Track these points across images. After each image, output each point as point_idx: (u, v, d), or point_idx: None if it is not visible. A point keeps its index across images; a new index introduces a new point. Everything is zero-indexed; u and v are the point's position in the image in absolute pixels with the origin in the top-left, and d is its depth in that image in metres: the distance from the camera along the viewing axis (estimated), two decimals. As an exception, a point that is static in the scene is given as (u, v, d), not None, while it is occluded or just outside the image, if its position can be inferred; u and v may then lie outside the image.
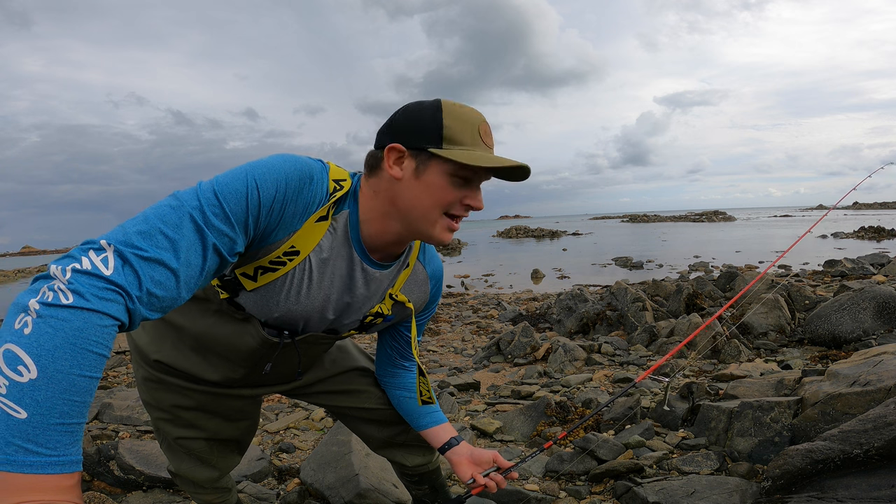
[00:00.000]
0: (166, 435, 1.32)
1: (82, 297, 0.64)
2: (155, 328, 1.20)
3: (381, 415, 1.42)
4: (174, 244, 0.75)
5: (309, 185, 0.92)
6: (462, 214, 1.00)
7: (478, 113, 0.98)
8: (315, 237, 0.96)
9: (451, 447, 1.30)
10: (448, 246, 20.40)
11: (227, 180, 0.84)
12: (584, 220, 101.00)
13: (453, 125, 0.94)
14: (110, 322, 0.67)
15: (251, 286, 0.98)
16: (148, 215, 0.76)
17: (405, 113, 0.98)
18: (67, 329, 0.62)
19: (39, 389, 0.60)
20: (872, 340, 3.71)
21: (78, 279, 0.66)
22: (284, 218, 0.90)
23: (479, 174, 0.97)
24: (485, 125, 0.98)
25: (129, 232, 0.73)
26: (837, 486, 1.48)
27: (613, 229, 44.94)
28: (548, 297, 8.57)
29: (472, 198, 0.99)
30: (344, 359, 1.41)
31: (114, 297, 0.67)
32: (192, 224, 0.78)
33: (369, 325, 1.16)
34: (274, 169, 0.88)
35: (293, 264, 0.96)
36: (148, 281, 0.71)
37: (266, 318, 1.05)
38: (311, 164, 0.94)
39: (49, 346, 0.61)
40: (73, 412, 0.62)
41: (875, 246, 16.46)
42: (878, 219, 28.25)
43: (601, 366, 4.20)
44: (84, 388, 0.63)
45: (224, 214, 0.81)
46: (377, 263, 1.07)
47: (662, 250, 18.86)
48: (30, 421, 0.59)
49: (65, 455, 0.61)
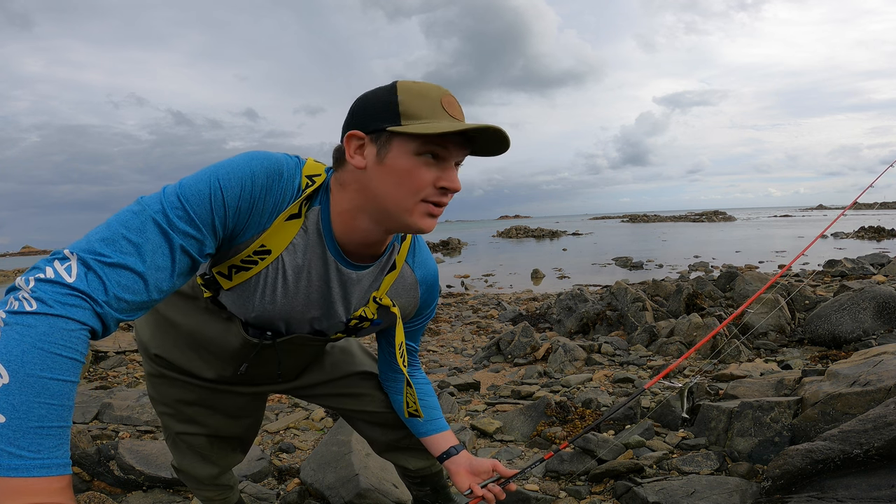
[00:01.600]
0: (170, 430, 1.34)
1: (45, 304, 0.66)
2: (156, 324, 1.21)
3: (385, 418, 1.40)
4: (138, 248, 0.76)
5: (278, 182, 0.90)
6: (439, 200, 0.92)
7: (439, 87, 0.91)
8: (287, 236, 0.94)
9: (449, 456, 1.27)
10: (448, 246, 20.23)
11: (192, 182, 0.83)
12: (584, 220, 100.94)
13: (409, 100, 0.87)
14: (76, 326, 0.68)
15: (227, 285, 0.98)
16: (111, 222, 0.77)
17: (361, 99, 0.92)
18: (33, 334, 0.64)
19: (13, 394, 0.61)
20: (872, 340, 3.71)
21: (41, 287, 0.68)
22: (253, 216, 0.89)
23: (449, 150, 0.89)
24: (448, 97, 0.90)
25: (92, 240, 0.74)
26: (837, 486, 1.48)
27: (613, 229, 44.93)
28: (548, 297, 8.56)
29: (446, 178, 0.90)
30: (346, 362, 1.39)
31: (77, 302, 0.69)
32: (157, 227, 0.78)
33: (355, 328, 1.13)
34: (239, 168, 0.86)
35: (265, 263, 0.95)
36: (114, 286, 0.72)
37: (245, 318, 1.05)
38: (280, 159, 0.91)
39: (17, 350, 0.63)
40: (51, 415, 0.63)
41: (875, 246, 16.47)
42: (878, 219, 28.24)
43: (601, 366, 4.20)
44: (58, 391, 0.64)
45: (188, 217, 0.81)
46: (353, 264, 1.02)
47: (662, 250, 18.86)
48: (9, 425, 0.60)
49: (50, 458, 0.62)
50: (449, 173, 0.91)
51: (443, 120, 0.88)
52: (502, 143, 0.90)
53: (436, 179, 0.90)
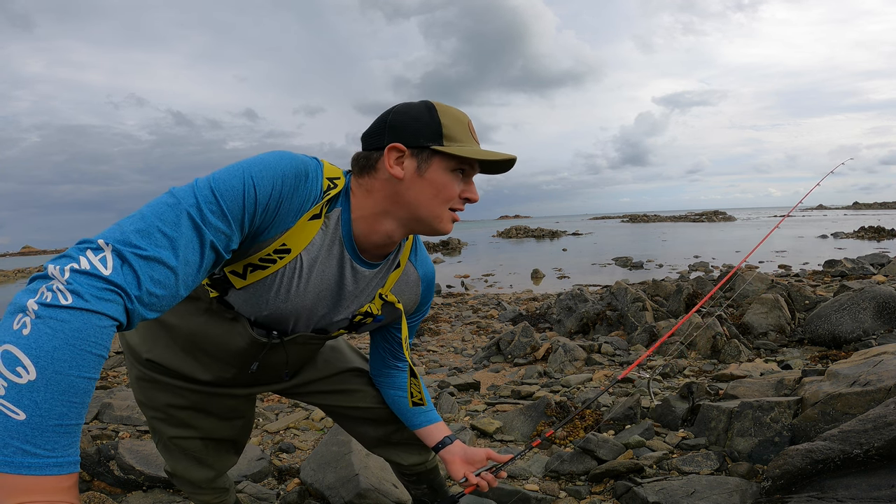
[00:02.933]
0: (161, 434, 1.32)
1: (81, 298, 0.64)
2: (147, 327, 1.20)
3: (376, 413, 1.41)
4: (172, 242, 0.75)
5: (304, 183, 0.92)
6: (461, 208, 1.05)
7: (463, 112, 1.05)
8: (308, 235, 0.96)
9: (444, 446, 1.30)
10: (448, 246, 20.29)
11: (224, 177, 0.83)
12: (584, 220, 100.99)
13: (450, 124, 1.00)
14: (109, 323, 0.66)
15: (240, 284, 0.98)
16: (145, 213, 0.76)
17: (400, 114, 1.00)
18: (66, 330, 0.62)
19: (38, 391, 0.60)
20: (872, 340, 3.71)
21: (77, 279, 0.65)
22: (280, 215, 0.90)
23: (474, 168, 1.04)
24: (470, 122, 1.05)
25: (126, 230, 0.72)
26: (837, 486, 1.48)
27: (613, 229, 44.94)
28: (548, 297, 8.57)
29: (470, 191, 1.05)
30: (337, 359, 1.41)
31: (113, 297, 0.67)
32: (190, 222, 0.77)
33: (359, 324, 1.16)
34: (271, 166, 0.88)
35: (284, 262, 0.96)
36: (147, 280, 0.71)
37: (255, 317, 1.05)
38: (306, 161, 0.94)
39: (48, 347, 0.61)
40: (71, 413, 0.62)
41: (875, 246, 16.47)
42: (878, 219, 28.26)
43: (601, 366, 4.20)
44: (82, 389, 0.63)
45: (221, 212, 0.81)
46: (366, 262, 1.07)
47: (662, 250, 18.86)
48: (28, 422, 0.59)
49: (63, 456, 0.61)
50: (471, 187, 1.06)
51: (471, 143, 1.02)
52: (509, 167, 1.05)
53: (461, 192, 1.04)
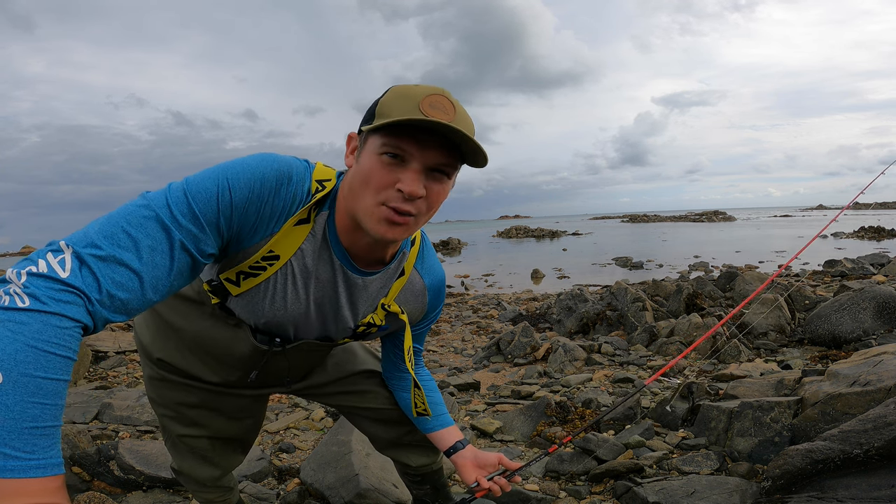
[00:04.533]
0: (170, 432, 1.32)
1: (38, 301, 0.64)
2: (158, 328, 1.20)
3: (388, 415, 1.40)
4: (136, 243, 0.73)
5: (287, 186, 0.88)
6: (401, 206, 0.85)
7: (435, 88, 0.86)
8: (296, 241, 0.93)
9: (456, 451, 1.29)
10: (448, 246, 20.17)
11: (199, 180, 0.81)
12: (584, 220, 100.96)
13: (389, 100, 0.85)
14: (70, 324, 0.66)
15: (236, 291, 0.97)
16: (112, 215, 0.75)
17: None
18: (26, 332, 0.62)
19: (7, 394, 0.60)
20: (872, 340, 3.71)
21: (33, 282, 0.65)
22: (260, 219, 0.87)
23: (412, 153, 0.84)
24: (434, 97, 0.84)
25: (91, 232, 0.72)
26: (837, 486, 1.48)
27: (613, 229, 44.93)
28: (548, 297, 8.57)
29: (405, 181, 0.84)
30: (349, 361, 1.40)
31: (71, 298, 0.67)
32: (158, 223, 0.76)
33: (363, 334, 1.13)
34: (249, 169, 0.84)
35: (274, 269, 0.94)
36: (108, 283, 0.70)
37: (255, 324, 1.04)
38: (290, 163, 0.89)
39: (10, 350, 0.61)
40: (45, 415, 0.62)
41: (875, 246, 16.46)
42: (878, 219, 28.25)
43: (601, 366, 4.20)
44: (52, 390, 0.63)
45: (192, 214, 0.79)
46: (360, 270, 1.01)
47: (662, 250, 18.86)
48: (3, 426, 0.59)
49: (44, 458, 0.61)
50: (408, 175, 0.84)
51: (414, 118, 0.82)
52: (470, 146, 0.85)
53: (395, 181, 0.85)
